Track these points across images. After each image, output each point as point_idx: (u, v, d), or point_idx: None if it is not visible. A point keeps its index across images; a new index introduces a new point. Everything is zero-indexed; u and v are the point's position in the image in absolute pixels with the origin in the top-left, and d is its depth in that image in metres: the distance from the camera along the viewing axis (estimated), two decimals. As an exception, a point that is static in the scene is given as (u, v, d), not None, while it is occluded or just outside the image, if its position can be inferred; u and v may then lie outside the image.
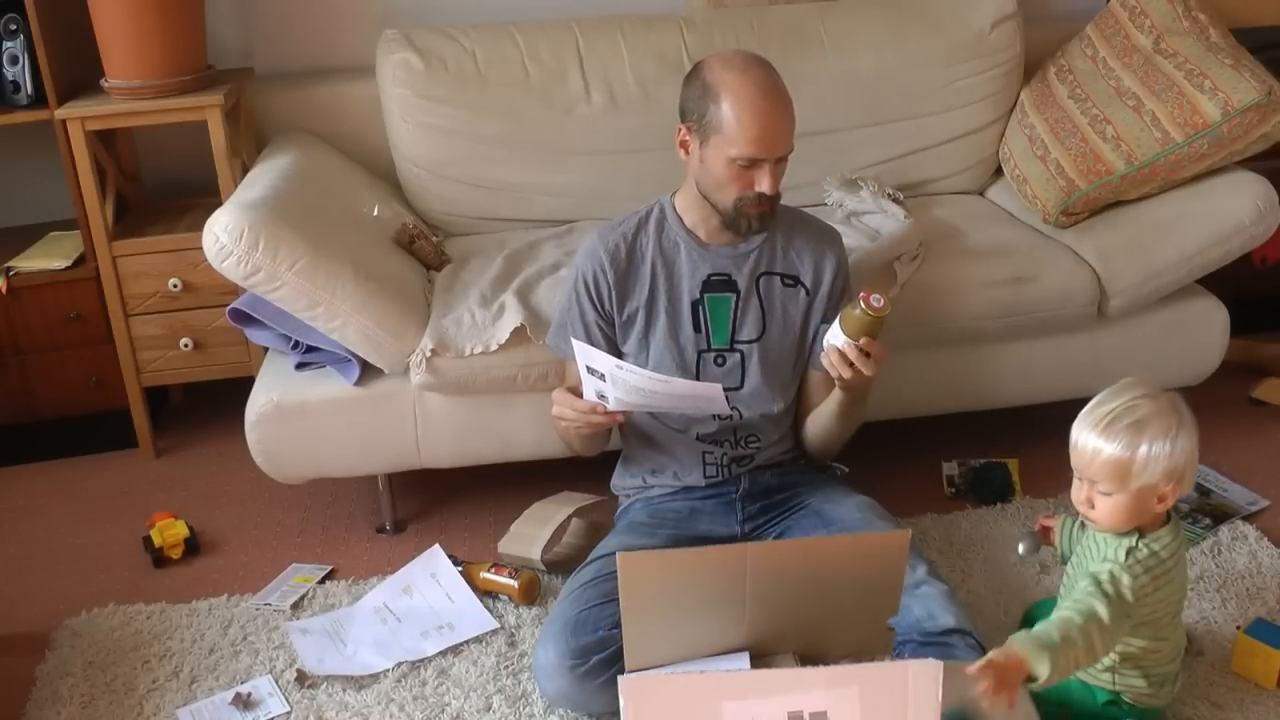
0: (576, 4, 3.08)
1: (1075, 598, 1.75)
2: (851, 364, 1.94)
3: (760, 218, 2.06)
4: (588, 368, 1.97)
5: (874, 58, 2.92)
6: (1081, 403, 2.71)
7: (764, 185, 2.00)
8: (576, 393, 2.06)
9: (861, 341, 1.92)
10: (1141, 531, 1.80)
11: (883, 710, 1.53)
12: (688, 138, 2.06)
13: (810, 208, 2.40)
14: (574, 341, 2.02)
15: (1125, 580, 1.75)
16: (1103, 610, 1.70)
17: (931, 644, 1.89)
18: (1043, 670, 1.63)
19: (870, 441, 2.43)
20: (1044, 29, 3.06)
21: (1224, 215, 2.58)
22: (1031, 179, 2.81)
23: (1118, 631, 1.73)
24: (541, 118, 2.85)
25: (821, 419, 2.18)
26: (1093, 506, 1.81)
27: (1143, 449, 1.75)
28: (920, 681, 1.53)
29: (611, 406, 2.00)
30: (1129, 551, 1.78)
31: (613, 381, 1.94)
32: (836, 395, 2.11)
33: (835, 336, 1.94)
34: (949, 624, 1.90)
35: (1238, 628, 2.05)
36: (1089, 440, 1.80)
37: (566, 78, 2.86)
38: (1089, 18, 2.91)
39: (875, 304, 1.89)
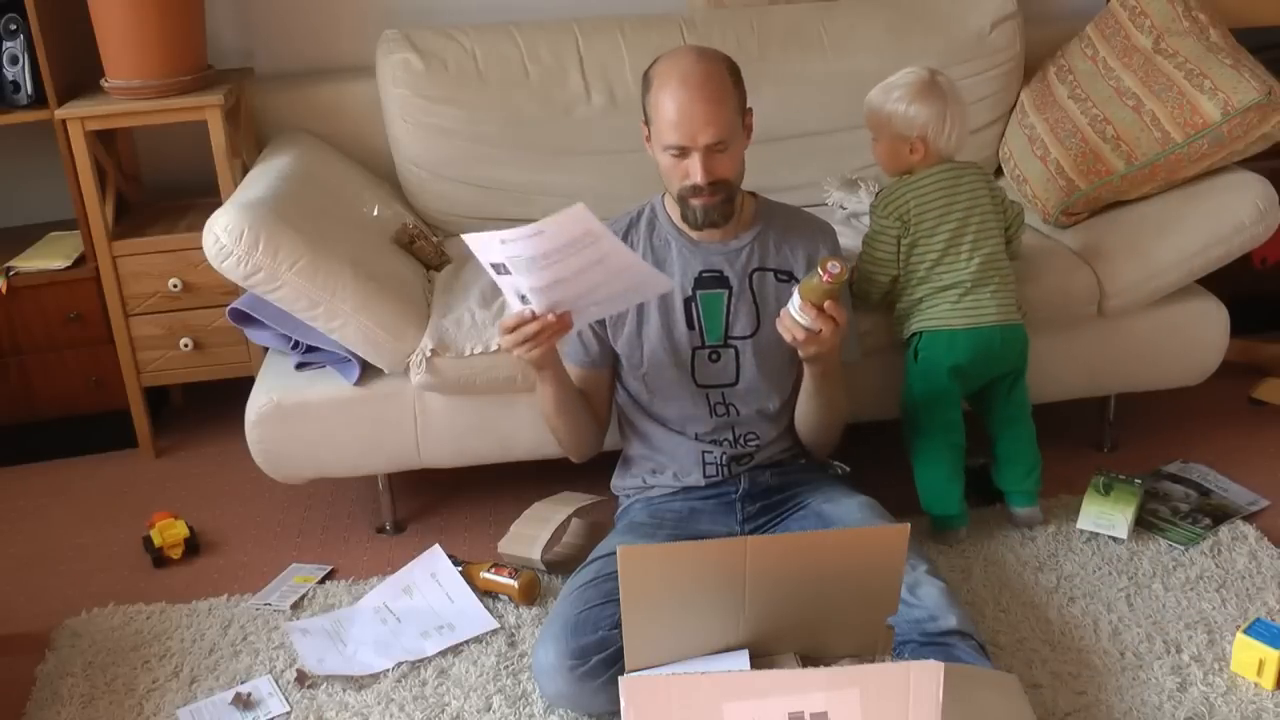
0: (576, 4, 3.08)
1: None
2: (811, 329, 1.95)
3: (705, 210, 2.05)
4: (490, 265, 1.89)
5: (874, 58, 2.92)
6: (1082, 403, 2.73)
7: (695, 175, 2.00)
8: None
9: (827, 305, 1.92)
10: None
11: (883, 711, 1.53)
12: (646, 132, 2.08)
13: (810, 208, 2.41)
14: (464, 237, 1.89)
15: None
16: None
17: (932, 645, 1.89)
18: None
19: (870, 441, 2.44)
20: (1044, 29, 3.06)
21: (1224, 215, 2.58)
22: (1031, 179, 2.81)
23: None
24: (541, 118, 2.85)
25: (802, 406, 2.20)
26: None
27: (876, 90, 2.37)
28: (921, 683, 1.52)
29: (535, 306, 1.91)
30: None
31: (515, 267, 1.86)
32: (808, 375, 2.12)
33: (797, 311, 1.95)
34: (951, 625, 1.90)
35: (1238, 627, 2.05)
36: None
37: (566, 78, 2.86)
38: (1089, 18, 2.91)
39: (833, 270, 1.88)
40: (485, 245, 1.87)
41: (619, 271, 1.93)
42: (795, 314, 1.96)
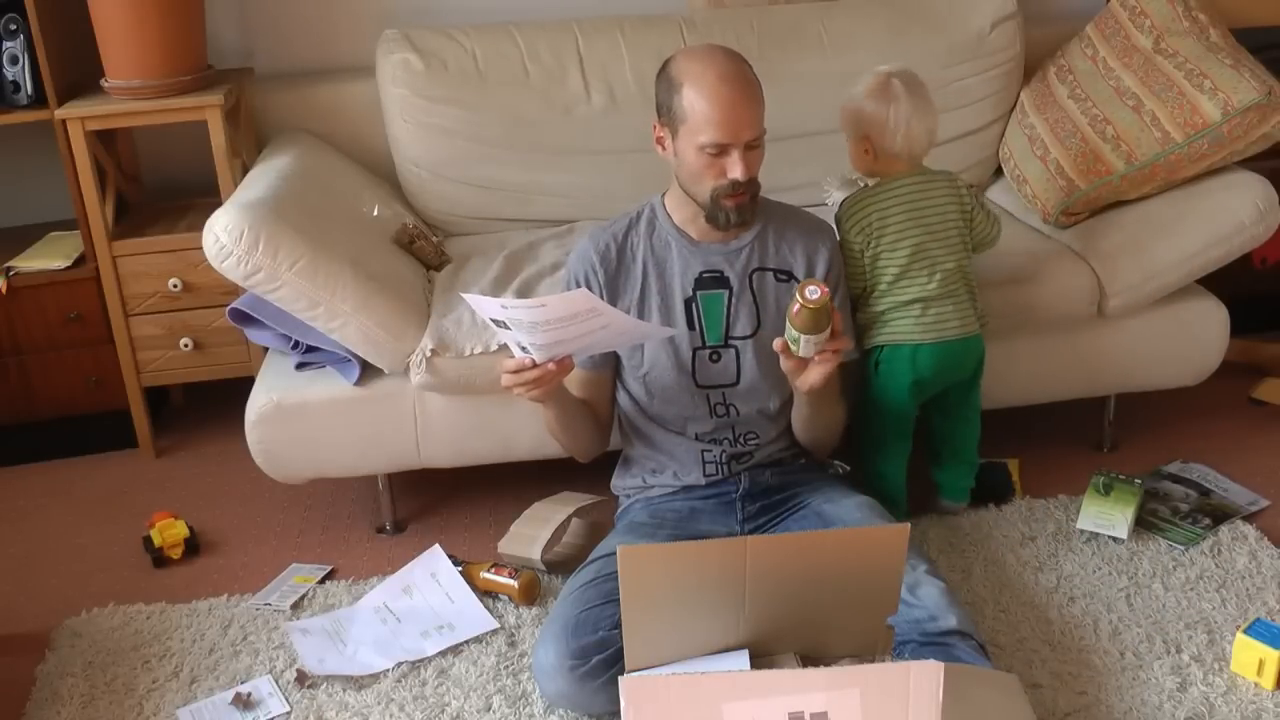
0: (576, 4, 3.08)
1: None
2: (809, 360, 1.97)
3: (738, 209, 2.05)
4: (492, 320, 1.91)
5: (874, 58, 2.89)
6: (1082, 403, 2.73)
7: (735, 171, 1.99)
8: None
9: (828, 345, 1.95)
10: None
11: (883, 711, 1.53)
12: (662, 133, 2.07)
13: (810, 208, 2.40)
14: (463, 296, 1.97)
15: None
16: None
17: (932, 645, 1.89)
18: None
19: (870, 441, 2.44)
20: (1044, 29, 3.06)
21: (1224, 215, 2.58)
22: (1031, 179, 2.81)
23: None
24: (541, 118, 2.85)
25: (796, 419, 2.20)
26: None
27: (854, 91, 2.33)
28: (921, 683, 1.53)
29: (535, 357, 1.95)
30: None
31: (515, 326, 1.88)
32: (799, 397, 2.12)
33: (802, 346, 1.95)
34: (951, 625, 1.90)
35: (1238, 628, 2.05)
36: None
37: (566, 78, 2.86)
38: (1089, 18, 2.91)
39: (811, 295, 1.88)
40: (485, 305, 1.89)
41: (622, 331, 1.97)
42: (805, 355, 1.97)
